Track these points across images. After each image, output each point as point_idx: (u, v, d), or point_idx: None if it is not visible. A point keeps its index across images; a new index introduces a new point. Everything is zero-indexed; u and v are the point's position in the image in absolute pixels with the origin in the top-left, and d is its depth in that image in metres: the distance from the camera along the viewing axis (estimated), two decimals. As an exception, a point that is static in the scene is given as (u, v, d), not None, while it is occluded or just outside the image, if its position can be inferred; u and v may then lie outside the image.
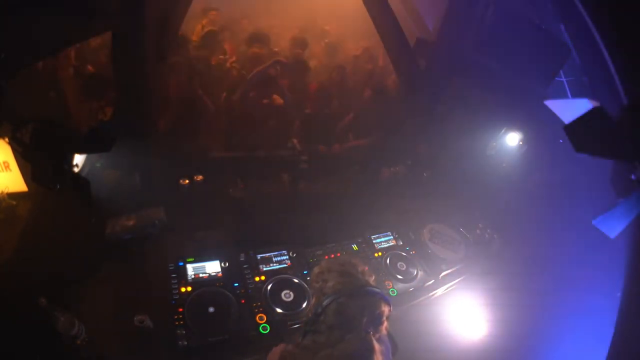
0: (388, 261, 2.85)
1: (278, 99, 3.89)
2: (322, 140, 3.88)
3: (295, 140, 3.45)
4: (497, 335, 2.60)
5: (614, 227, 1.97)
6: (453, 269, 2.93)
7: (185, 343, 2.13)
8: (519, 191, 3.22)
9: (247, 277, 2.54)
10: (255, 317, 2.33)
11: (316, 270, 1.60)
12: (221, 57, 4.41)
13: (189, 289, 2.39)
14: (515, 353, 2.56)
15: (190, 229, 2.83)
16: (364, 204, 3.15)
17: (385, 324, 1.47)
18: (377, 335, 1.45)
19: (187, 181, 3.06)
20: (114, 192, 2.89)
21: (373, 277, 1.57)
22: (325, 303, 1.44)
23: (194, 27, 4.83)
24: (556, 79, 3.39)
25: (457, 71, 3.53)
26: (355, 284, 1.47)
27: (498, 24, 3.24)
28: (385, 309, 1.46)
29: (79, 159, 2.51)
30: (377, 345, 1.42)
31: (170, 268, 2.47)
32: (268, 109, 3.88)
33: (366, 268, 1.57)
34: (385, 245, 2.99)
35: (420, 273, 2.83)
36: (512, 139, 3.34)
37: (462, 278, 2.91)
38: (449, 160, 3.57)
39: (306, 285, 2.54)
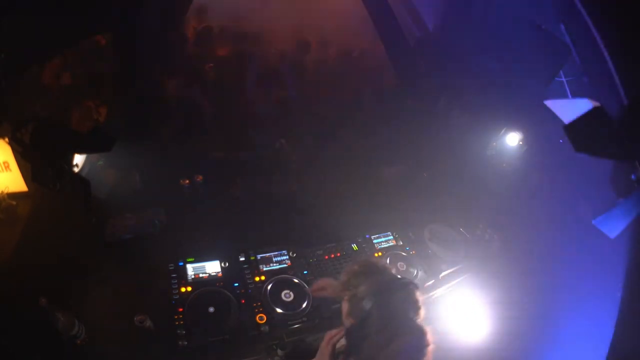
0: (388, 261, 2.85)
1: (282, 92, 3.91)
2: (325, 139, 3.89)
3: (283, 140, 3.46)
4: (497, 335, 2.60)
5: (614, 227, 1.97)
6: (453, 269, 2.93)
7: (185, 343, 2.13)
8: (519, 191, 3.22)
9: (247, 277, 2.54)
10: (255, 317, 2.33)
11: (343, 278, 1.62)
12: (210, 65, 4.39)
13: (189, 289, 2.39)
14: (516, 352, 2.56)
15: (190, 229, 2.83)
16: (364, 204, 3.15)
17: (422, 311, 1.49)
18: (420, 320, 1.48)
19: (187, 181, 3.07)
20: (114, 192, 2.89)
21: (394, 269, 1.61)
22: (367, 308, 1.43)
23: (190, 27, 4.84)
24: (556, 79, 3.38)
25: (457, 71, 3.54)
26: (385, 280, 1.51)
27: (498, 24, 3.25)
28: (420, 296, 1.49)
29: (79, 159, 2.51)
30: (426, 329, 1.46)
31: (170, 268, 2.48)
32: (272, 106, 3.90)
33: (385, 262, 1.62)
34: (385, 245, 2.99)
35: (420, 273, 2.83)
36: (512, 139, 3.33)
37: (462, 278, 2.90)
38: (449, 160, 3.57)
39: (306, 285, 2.54)
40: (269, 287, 2.49)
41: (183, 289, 2.38)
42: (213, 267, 2.54)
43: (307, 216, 3.05)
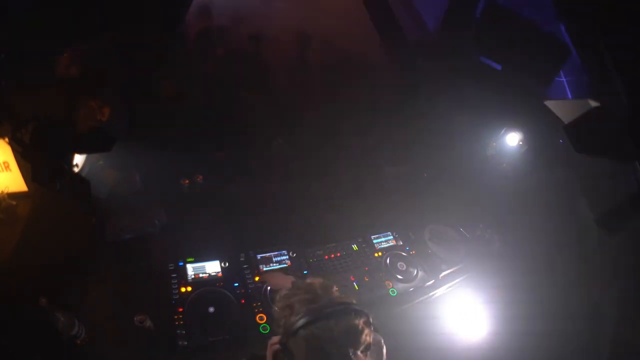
0: (388, 261, 2.85)
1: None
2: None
3: (280, 140, 3.46)
4: (497, 334, 2.60)
5: (614, 227, 1.98)
6: (453, 269, 2.93)
7: (185, 343, 2.13)
8: (519, 191, 3.22)
9: (247, 277, 2.54)
10: (255, 317, 2.33)
11: (278, 304, 1.42)
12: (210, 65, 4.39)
13: (189, 289, 2.39)
14: (516, 351, 2.56)
15: (190, 229, 2.83)
16: (364, 204, 3.15)
17: (366, 332, 1.28)
18: (362, 347, 1.27)
19: (187, 181, 3.07)
20: (114, 192, 2.89)
21: (335, 288, 1.39)
22: (291, 343, 1.26)
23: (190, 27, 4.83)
24: (556, 79, 3.38)
25: (457, 71, 3.53)
26: (315, 308, 1.28)
27: (498, 23, 3.24)
28: (360, 322, 1.27)
29: (79, 159, 2.51)
30: None
31: (170, 268, 2.48)
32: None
33: (320, 280, 1.40)
34: (385, 245, 2.99)
35: (420, 273, 2.83)
36: (512, 139, 3.33)
37: (462, 278, 2.91)
38: (449, 159, 3.57)
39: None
40: (269, 287, 2.49)
41: (183, 289, 2.38)
42: (213, 267, 2.54)
43: (307, 216, 3.05)
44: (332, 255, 2.82)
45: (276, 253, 2.72)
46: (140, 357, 2.11)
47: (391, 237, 3.06)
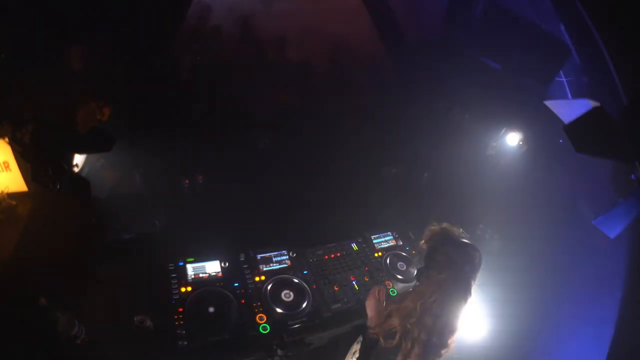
0: (388, 261, 2.85)
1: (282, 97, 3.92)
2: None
3: (267, 140, 3.46)
4: (497, 333, 2.60)
5: (614, 227, 1.98)
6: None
7: (185, 343, 2.13)
8: (519, 191, 3.22)
9: (247, 277, 2.54)
10: (255, 317, 2.33)
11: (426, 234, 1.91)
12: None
13: (189, 289, 2.39)
14: (515, 350, 2.56)
15: (190, 229, 2.83)
16: (364, 204, 3.15)
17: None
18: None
19: (187, 181, 3.06)
20: (114, 192, 2.89)
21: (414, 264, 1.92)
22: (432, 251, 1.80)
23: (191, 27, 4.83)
24: (556, 79, 3.39)
25: (458, 70, 3.54)
26: (453, 237, 1.82)
27: (498, 24, 3.25)
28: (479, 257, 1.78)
29: (79, 159, 2.52)
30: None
31: (170, 268, 2.48)
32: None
33: (460, 230, 1.88)
34: (385, 245, 2.99)
35: (420, 273, 2.83)
36: (512, 139, 3.33)
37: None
38: (449, 159, 3.58)
39: (306, 285, 2.54)
40: (269, 287, 2.49)
41: (183, 289, 2.38)
42: (213, 267, 2.54)
43: (307, 216, 3.05)
44: (332, 255, 2.82)
45: (276, 253, 2.72)
46: (140, 357, 2.11)
47: (391, 237, 3.06)
